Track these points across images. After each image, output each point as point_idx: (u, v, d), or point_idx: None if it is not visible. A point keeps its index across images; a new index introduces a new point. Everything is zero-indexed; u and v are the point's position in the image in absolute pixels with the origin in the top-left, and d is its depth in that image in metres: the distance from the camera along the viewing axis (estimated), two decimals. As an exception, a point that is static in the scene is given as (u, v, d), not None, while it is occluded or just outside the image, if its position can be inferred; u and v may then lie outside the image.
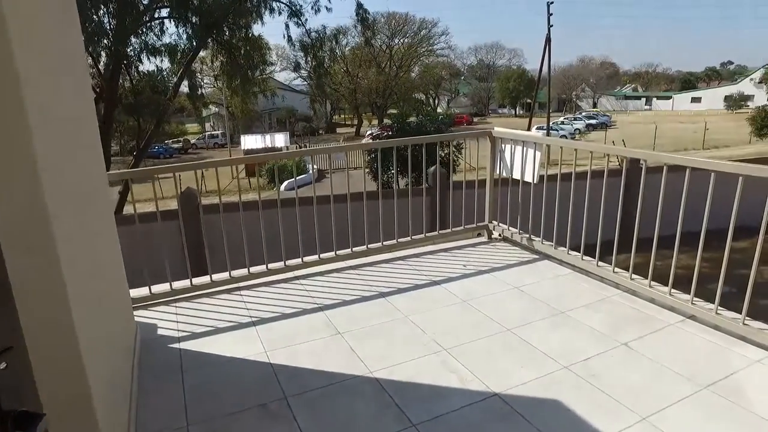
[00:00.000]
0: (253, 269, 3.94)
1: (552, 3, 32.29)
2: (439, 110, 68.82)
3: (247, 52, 16.21)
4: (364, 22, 17.41)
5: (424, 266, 4.15)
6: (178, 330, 3.24)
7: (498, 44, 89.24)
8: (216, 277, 3.85)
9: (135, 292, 3.57)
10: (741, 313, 2.82)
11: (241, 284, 3.87)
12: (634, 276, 3.43)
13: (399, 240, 4.40)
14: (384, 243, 4.34)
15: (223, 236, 3.72)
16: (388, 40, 58.53)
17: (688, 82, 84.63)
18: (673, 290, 3.19)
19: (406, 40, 59.01)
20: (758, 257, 2.71)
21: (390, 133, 15.53)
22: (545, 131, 32.70)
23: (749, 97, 61.13)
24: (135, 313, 3.40)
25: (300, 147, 40.45)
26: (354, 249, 4.24)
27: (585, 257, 3.82)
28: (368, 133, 40.03)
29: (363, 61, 54.88)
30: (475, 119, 64.11)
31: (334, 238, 4.11)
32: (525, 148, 4.14)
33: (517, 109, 72.31)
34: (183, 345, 3.06)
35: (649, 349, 2.80)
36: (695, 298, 3.07)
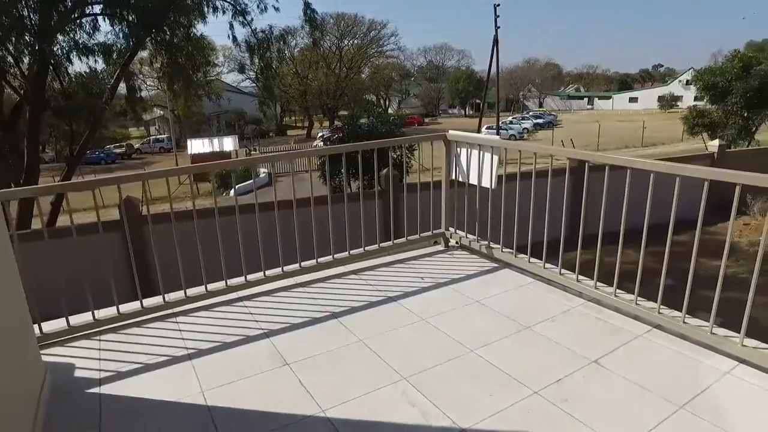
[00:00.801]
0: (191, 291, 3.54)
1: (498, 5, 32.96)
2: (390, 111, 69.03)
3: (189, 52, 15.44)
4: (312, 22, 16.96)
5: (379, 280, 3.87)
6: (100, 369, 2.81)
7: (447, 45, 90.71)
8: (148, 302, 3.43)
9: (49, 326, 3.10)
10: (708, 321, 2.72)
11: (177, 309, 3.45)
12: (599, 284, 3.29)
13: (351, 252, 4.10)
14: (335, 256, 4.03)
15: (155, 255, 3.31)
16: (338, 41, 58.07)
17: (625, 83, 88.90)
18: (639, 299, 3.06)
19: (355, 41, 58.73)
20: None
21: (341, 135, 15.19)
22: (495, 131, 33.30)
23: (679, 98, 65.14)
24: (48, 351, 2.94)
25: (249, 150, 39.41)
26: (303, 264, 3.91)
27: (548, 265, 3.66)
28: (319, 135, 39.44)
29: (313, 63, 54.17)
30: (427, 120, 64.70)
31: (280, 253, 3.76)
32: (482, 152, 3.94)
33: (467, 109, 73.56)
34: (104, 388, 2.63)
35: (619, 365, 2.64)
36: (662, 307, 2.95)
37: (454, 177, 4.27)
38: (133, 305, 3.39)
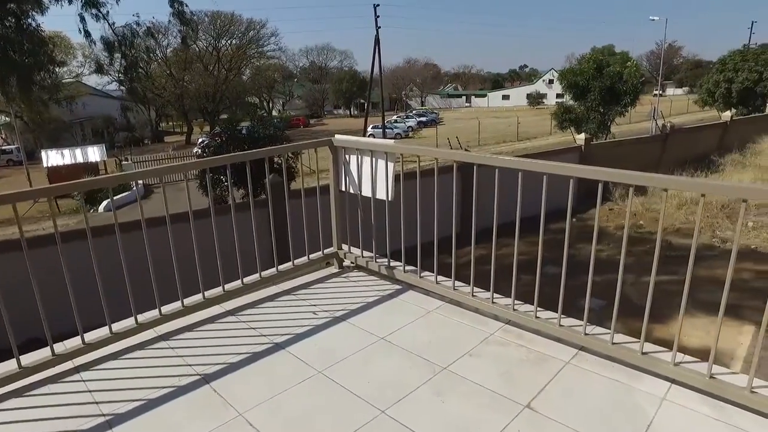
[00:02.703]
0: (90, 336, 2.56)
1: (378, 6, 33.11)
2: (274, 113, 66.99)
3: (28, 48, 13.14)
4: (181, 17, 15.39)
5: (263, 320, 3.16)
6: None
7: (329, 46, 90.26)
8: (28, 359, 2.59)
9: None
10: (638, 338, 2.43)
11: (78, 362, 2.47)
12: (517, 307, 2.90)
13: (226, 288, 3.33)
14: (206, 295, 3.24)
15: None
16: (214, 41, 54.79)
17: (497, 82, 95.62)
18: (562, 318, 2.72)
19: (234, 41, 55.84)
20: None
21: (220, 140, 13.92)
22: (381, 130, 33.49)
23: (544, 95, 71.74)
24: None
25: (120, 160, 35.48)
26: (163, 310, 3.06)
27: (458, 285, 3.21)
28: (199, 141, 36.77)
29: (188, 63, 50.48)
30: (312, 121, 63.76)
31: (131, 299, 2.89)
32: (374, 159, 3.40)
33: (352, 109, 73.86)
34: None
35: (554, 408, 2.24)
36: (588, 325, 2.63)
37: (344, 188, 3.68)
38: (6, 366, 2.43)
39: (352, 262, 3.89)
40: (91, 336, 2.78)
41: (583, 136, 17.43)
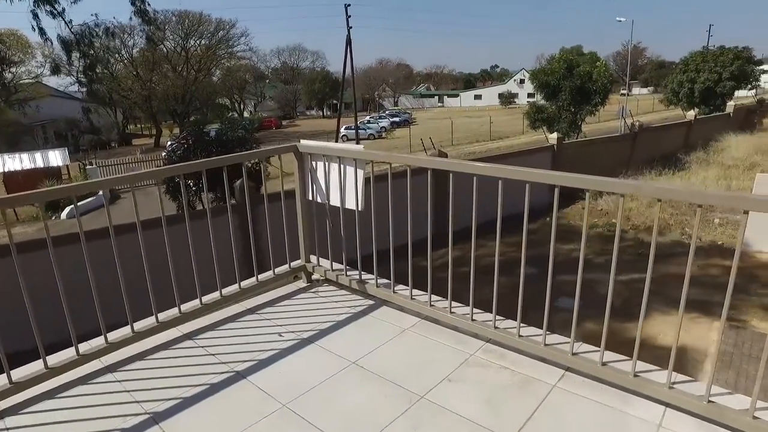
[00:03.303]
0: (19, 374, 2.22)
1: (349, 6, 32.81)
2: (246, 114, 65.96)
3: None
4: (144, 15, 14.78)
5: (223, 345, 2.88)
6: None
7: (300, 47, 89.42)
8: None
9: None
10: (630, 361, 2.26)
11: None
12: (498, 323, 2.70)
13: (183, 309, 3.03)
14: (159, 318, 2.93)
15: None
16: (182, 41, 53.51)
17: (469, 82, 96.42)
18: (547, 334, 2.52)
19: (203, 42, 54.63)
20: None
21: (186, 144, 13.42)
22: (354, 130, 33.20)
23: (515, 95, 72.76)
24: None
25: (84, 164, 34.20)
26: (110, 338, 2.75)
27: (435, 299, 2.99)
28: (169, 144, 35.74)
29: (155, 64, 49.14)
30: (284, 122, 63.02)
31: (71, 328, 2.57)
32: (342, 166, 3.15)
33: (325, 110, 73.38)
34: None
35: (543, 440, 2.04)
36: (575, 343, 2.44)
37: (311, 197, 3.42)
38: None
39: (321, 276, 3.63)
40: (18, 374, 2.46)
41: (555, 135, 17.54)
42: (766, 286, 11.09)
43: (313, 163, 3.33)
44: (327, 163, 3.23)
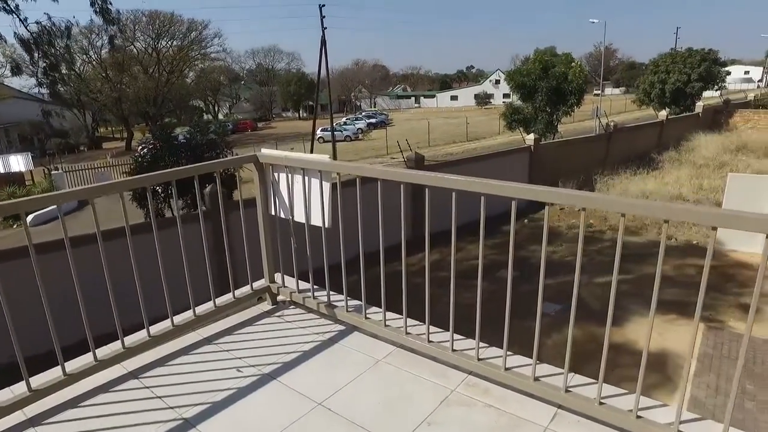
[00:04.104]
0: None
1: (324, 6, 32.38)
2: (220, 116, 64.82)
3: None
4: (105, 14, 14.14)
5: (173, 384, 2.53)
6: None
7: (276, 48, 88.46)
8: None
9: None
10: (633, 403, 2.00)
11: None
12: (482, 353, 2.41)
13: (128, 343, 2.67)
14: (98, 356, 2.56)
15: None
16: (154, 41, 52.22)
17: (445, 83, 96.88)
18: (537, 365, 2.25)
19: (175, 43, 53.43)
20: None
21: (154, 149, 12.88)
22: (330, 132, 32.78)
23: (491, 95, 73.35)
24: None
25: (50, 169, 32.91)
26: (34, 383, 2.37)
27: (410, 326, 2.70)
28: (140, 147, 34.69)
29: (125, 65, 47.81)
30: (260, 124, 62.19)
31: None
32: (307, 178, 2.84)
33: (301, 111, 72.72)
34: None
35: (536, 501, 1.76)
36: (569, 374, 2.18)
37: (274, 212, 3.10)
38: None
39: (287, 298, 3.31)
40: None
41: (532, 136, 17.49)
42: (741, 285, 11.14)
43: (275, 174, 3.01)
44: (290, 175, 2.91)
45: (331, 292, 3.10)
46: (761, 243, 1.64)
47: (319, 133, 38.29)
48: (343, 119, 52.88)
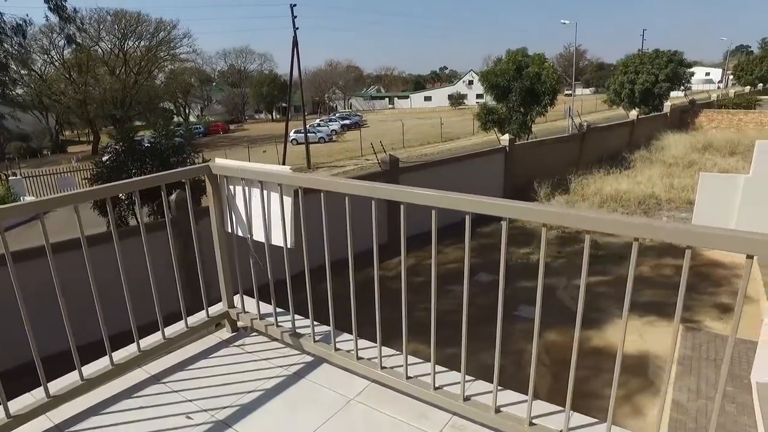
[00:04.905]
0: None
1: (295, 6, 31.84)
2: (192, 119, 63.42)
3: None
4: (60, 11, 13.39)
5: (109, 436, 2.16)
6: None
7: (247, 48, 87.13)
8: None
9: None
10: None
11: None
12: (468, 391, 2.11)
13: (53, 391, 2.27)
14: (11, 411, 2.16)
15: None
16: (120, 42, 50.65)
17: (419, 84, 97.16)
18: (534, 403, 1.96)
19: (142, 43, 51.96)
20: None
21: (116, 154, 12.25)
22: (303, 134, 32.26)
23: (465, 96, 73.83)
24: None
25: (7, 174, 31.43)
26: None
27: (386, 357, 2.38)
28: (105, 155, 33.32)
29: (90, 66, 46.21)
30: (232, 126, 61.14)
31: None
32: (266, 192, 2.50)
33: (274, 113, 71.83)
34: None
35: None
36: (570, 412, 1.90)
37: (231, 229, 2.74)
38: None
39: (248, 325, 2.95)
40: None
41: (507, 137, 17.42)
42: (715, 284, 11.21)
43: (231, 187, 2.65)
44: (246, 189, 2.56)
45: (299, 317, 2.78)
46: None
47: (292, 135, 37.72)
48: (317, 121, 52.30)
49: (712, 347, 8.81)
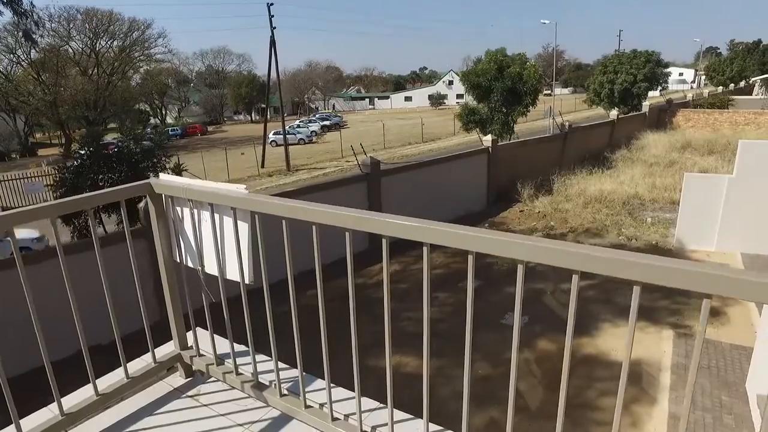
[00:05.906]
0: None
1: (272, 5, 31.21)
2: (169, 120, 62.09)
3: None
4: (14, 4, 12.57)
5: None
6: None
7: (225, 49, 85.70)
8: None
9: None
10: None
11: None
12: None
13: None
14: None
15: None
16: (91, 41, 49.15)
17: (399, 84, 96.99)
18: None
19: (115, 43, 50.51)
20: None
21: (81, 159, 11.58)
22: (282, 135, 31.62)
23: (445, 96, 73.87)
24: None
25: (-29, 180, 30.05)
26: None
27: (368, 413, 1.96)
28: (76, 154, 32.21)
29: (60, 66, 44.72)
30: (210, 128, 60.02)
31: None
32: (218, 216, 2.05)
33: (253, 114, 70.84)
34: None
35: None
36: None
37: (179, 259, 2.28)
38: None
39: (203, 369, 2.49)
40: None
41: (489, 137, 17.14)
42: (702, 286, 11.05)
43: (178, 209, 2.20)
44: (195, 211, 2.11)
45: (264, 357, 2.34)
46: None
47: (271, 136, 37.06)
48: (297, 122, 51.59)
49: (704, 354, 8.59)
